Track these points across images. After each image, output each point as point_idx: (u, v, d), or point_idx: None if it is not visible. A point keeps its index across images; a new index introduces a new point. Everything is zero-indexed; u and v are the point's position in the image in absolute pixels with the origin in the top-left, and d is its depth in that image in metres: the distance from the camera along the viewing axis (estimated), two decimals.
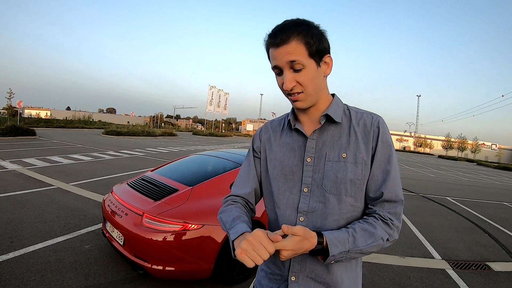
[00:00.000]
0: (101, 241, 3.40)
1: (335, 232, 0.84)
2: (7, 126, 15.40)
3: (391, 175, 0.90)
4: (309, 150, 0.94)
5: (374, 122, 0.93)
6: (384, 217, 0.89)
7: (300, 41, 0.83)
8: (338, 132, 0.94)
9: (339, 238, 0.82)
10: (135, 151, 13.48)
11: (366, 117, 0.95)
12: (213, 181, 2.97)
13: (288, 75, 0.85)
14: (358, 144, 0.91)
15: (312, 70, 0.86)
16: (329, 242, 0.80)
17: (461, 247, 4.45)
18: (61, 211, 4.31)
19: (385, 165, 0.91)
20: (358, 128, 0.93)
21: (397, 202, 0.91)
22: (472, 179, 17.27)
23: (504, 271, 3.69)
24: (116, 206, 2.78)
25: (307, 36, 0.84)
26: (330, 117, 0.93)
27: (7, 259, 2.84)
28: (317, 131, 0.95)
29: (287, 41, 0.83)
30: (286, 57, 0.84)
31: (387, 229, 0.88)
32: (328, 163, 0.91)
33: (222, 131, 59.15)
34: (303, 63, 0.84)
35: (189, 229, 2.44)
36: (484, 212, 7.25)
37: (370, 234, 0.85)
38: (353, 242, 0.83)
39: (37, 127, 23.01)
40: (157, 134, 26.58)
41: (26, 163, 8.05)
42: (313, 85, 0.87)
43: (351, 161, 0.90)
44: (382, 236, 0.86)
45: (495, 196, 10.47)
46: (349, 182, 0.89)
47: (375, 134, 0.92)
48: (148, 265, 2.40)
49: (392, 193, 0.90)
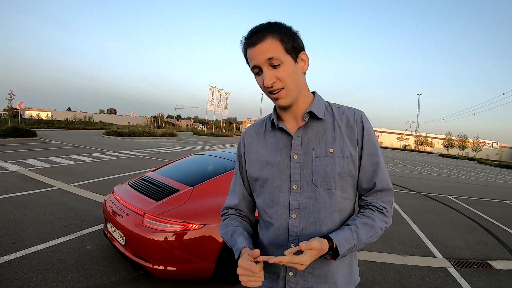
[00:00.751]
0: (103, 242, 3.41)
1: (340, 233, 0.88)
2: (8, 127, 15.42)
3: (380, 166, 0.96)
4: (295, 148, 0.96)
5: (357, 117, 0.97)
6: (379, 207, 0.95)
7: (274, 38, 0.86)
8: (323, 128, 0.96)
9: (345, 237, 0.86)
10: (136, 151, 13.50)
11: (348, 112, 0.98)
12: (214, 181, 2.97)
13: (268, 72, 0.87)
14: (343, 139, 0.95)
15: (290, 65, 0.88)
16: (339, 244, 0.84)
17: (462, 246, 4.44)
18: (63, 212, 4.32)
19: (374, 157, 0.96)
20: (342, 123, 0.97)
21: (389, 191, 0.97)
22: (473, 177, 17.24)
23: (505, 269, 3.68)
24: (117, 206, 2.79)
25: (281, 34, 0.87)
26: (314, 114, 0.95)
27: (9, 260, 2.85)
28: (301, 128, 0.96)
29: (262, 39, 0.86)
30: (263, 55, 0.86)
31: (384, 218, 0.94)
32: (316, 159, 0.94)
33: (223, 131, 59.22)
34: (280, 59, 0.86)
35: (190, 229, 2.44)
36: (485, 210, 7.24)
37: (371, 226, 0.91)
38: (357, 238, 0.88)
39: (38, 128, 23.03)
40: (158, 134, 26.60)
41: (27, 164, 8.07)
42: (292, 80, 0.89)
43: (338, 155, 0.93)
44: (381, 227, 0.93)
45: (496, 194, 10.47)
46: (337, 176, 0.93)
47: (359, 128, 0.96)
48: (150, 265, 2.41)
49: (383, 182, 0.96)
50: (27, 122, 24.96)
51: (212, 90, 48.07)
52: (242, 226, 1.04)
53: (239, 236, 0.97)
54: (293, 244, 0.94)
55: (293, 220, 0.94)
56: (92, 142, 16.70)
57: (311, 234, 0.92)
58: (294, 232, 0.94)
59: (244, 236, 0.97)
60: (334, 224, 0.94)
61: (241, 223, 1.06)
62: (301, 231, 0.93)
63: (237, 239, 0.96)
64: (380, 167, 0.96)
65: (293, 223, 0.94)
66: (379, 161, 0.96)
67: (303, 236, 0.93)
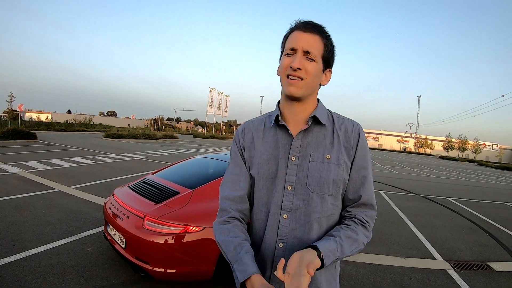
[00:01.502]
0: (103, 244, 3.41)
1: (326, 243, 0.87)
2: (8, 129, 15.48)
3: (368, 180, 0.99)
4: (294, 150, 0.97)
5: (355, 129, 1.01)
6: (363, 221, 0.96)
7: (323, 40, 0.92)
8: (323, 134, 0.99)
9: (330, 249, 0.86)
10: (136, 154, 13.51)
11: (347, 123, 1.02)
12: (214, 184, 2.98)
13: (301, 57, 0.90)
14: (340, 147, 0.98)
15: (319, 68, 0.93)
16: (325, 255, 0.84)
17: (462, 248, 4.45)
18: (63, 214, 4.32)
19: (364, 170, 0.99)
20: (340, 132, 1.00)
21: (372, 206, 1.00)
22: (473, 179, 17.24)
23: (505, 271, 3.69)
24: (117, 209, 2.80)
25: (328, 41, 0.94)
26: (317, 119, 0.98)
27: (9, 262, 2.86)
28: (302, 131, 0.98)
29: (315, 33, 0.91)
30: (308, 44, 0.90)
31: (366, 232, 0.96)
32: (312, 163, 0.96)
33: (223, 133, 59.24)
34: (315, 57, 0.91)
35: (190, 232, 2.45)
36: (485, 212, 7.24)
37: (354, 240, 0.92)
38: (341, 251, 0.88)
39: (38, 130, 23.03)
40: (157, 136, 26.66)
41: (27, 166, 8.07)
42: (313, 80, 0.93)
43: (334, 162, 0.96)
44: (363, 241, 0.94)
45: (496, 196, 10.46)
46: (331, 182, 0.95)
47: (355, 140, 0.99)
48: (150, 267, 2.41)
49: (368, 196, 0.99)
50: (27, 124, 24.94)
51: (212, 92, 48.14)
52: (248, 240, 0.95)
53: (246, 253, 0.89)
54: (281, 244, 0.95)
55: (284, 220, 0.96)
56: (92, 144, 16.71)
57: (299, 236, 0.95)
58: (284, 232, 0.95)
59: (252, 255, 0.89)
60: (321, 229, 0.96)
61: (246, 237, 0.96)
62: (290, 232, 0.95)
63: (243, 257, 0.88)
64: (367, 181, 0.99)
65: (284, 223, 0.96)
66: (367, 175, 0.99)
67: (292, 237, 0.95)
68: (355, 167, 0.98)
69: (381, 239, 4.50)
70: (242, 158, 1.05)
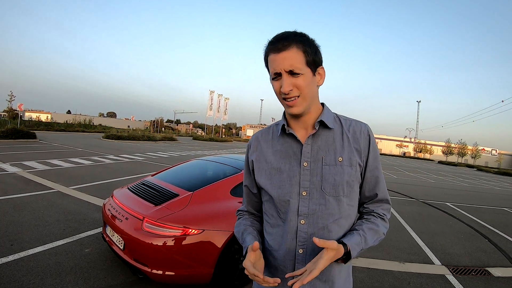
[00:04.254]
0: (101, 245, 3.40)
1: (351, 238, 0.93)
2: (8, 128, 15.46)
3: (380, 178, 1.05)
4: (305, 155, 0.98)
5: (364, 130, 1.02)
6: (381, 213, 1.04)
7: (299, 49, 0.90)
8: (331, 137, 1.00)
9: (356, 242, 0.92)
10: (135, 155, 13.50)
11: (355, 124, 1.04)
12: (214, 186, 2.98)
13: (287, 79, 0.90)
14: (351, 149, 0.99)
15: (308, 77, 0.92)
16: (352, 248, 0.90)
17: (461, 253, 4.44)
18: (61, 215, 4.31)
19: (376, 170, 1.04)
20: (349, 134, 1.01)
21: (387, 200, 1.07)
22: (472, 184, 17.24)
23: (504, 277, 3.68)
24: (116, 210, 2.79)
25: (305, 46, 0.91)
26: (324, 123, 0.99)
27: (7, 262, 2.85)
28: (311, 136, 0.99)
29: (288, 48, 0.89)
30: (286, 62, 0.89)
31: (384, 223, 1.03)
32: (325, 167, 0.97)
33: (222, 136, 59.17)
34: (300, 70, 0.89)
35: (189, 234, 2.45)
36: (484, 217, 7.23)
37: (375, 231, 0.98)
38: (365, 242, 0.94)
39: (37, 130, 23.00)
40: (157, 138, 26.63)
41: (26, 166, 8.06)
42: (309, 91, 0.93)
43: (346, 164, 0.97)
44: (383, 231, 1.01)
45: (495, 202, 10.46)
46: (345, 184, 0.97)
47: (366, 141, 1.01)
48: (148, 269, 2.40)
49: (384, 193, 1.06)
50: (26, 124, 24.90)
51: (211, 95, 48.17)
52: (253, 226, 1.11)
53: (248, 235, 1.04)
54: (301, 250, 0.96)
55: (301, 225, 0.96)
56: (92, 145, 16.70)
57: None
58: (303, 238, 0.96)
59: (253, 235, 1.04)
60: (341, 230, 0.98)
61: (252, 223, 1.13)
62: (309, 237, 0.95)
63: (246, 237, 1.03)
64: (380, 179, 1.04)
65: (302, 228, 0.96)
66: (379, 174, 1.04)
67: (311, 242, 0.94)
68: (369, 168, 1.02)
69: (380, 243, 4.46)
70: (249, 172, 1.12)
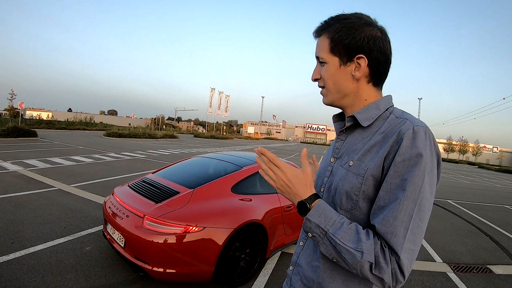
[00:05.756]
0: (102, 243, 3.40)
1: (329, 207, 0.77)
2: (9, 127, 15.45)
3: (396, 205, 0.69)
4: (334, 151, 0.92)
5: (400, 131, 0.74)
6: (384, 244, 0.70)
7: (327, 36, 0.84)
8: (362, 136, 0.85)
9: (327, 213, 0.75)
10: (136, 153, 13.50)
11: (398, 123, 0.78)
12: (215, 184, 2.97)
13: (316, 67, 0.89)
14: (370, 154, 0.78)
15: (333, 66, 0.83)
16: (315, 208, 0.76)
17: (462, 250, 4.43)
18: (62, 213, 4.31)
19: (397, 191, 0.70)
20: (380, 136, 0.79)
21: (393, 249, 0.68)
22: (474, 182, 17.22)
23: (505, 274, 3.67)
24: (117, 208, 2.79)
25: (334, 31, 0.82)
26: (356, 119, 0.85)
27: (8, 260, 2.85)
28: (345, 132, 0.91)
29: (319, 35, 0.86)
30: (317, 50, 0.87)
31: (380, 257, 0.68)
32: (340, 168, 0.86)
33: (223, 133, 59.21)
34: (324, 58, 0.85)
35: (190, 232, 2.44)
36: (486, 215, 7.22)
37: (357, 239, 0.70)
38: (335, 229, 0.72)
39: (38, 128, 23.07)
40: (158, 136, 26.65)
41: (27, 164, 8.07)
42: (332, 82, 0.85)
43: (354, 171, 0.80)
44: (364, 251, 0.68)
45: (497, 199, 10.44)
46: (344, 194, 0.80)
47: (394, 147, 0.73)
48: (149, 267, 2.40)
49: (387, 227, 0.69)
50: (27, 122, 24.99)
51: (212, 92, 48.15)
52: None
53: None
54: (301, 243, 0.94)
55: None
56: (93, 143, 16.71)
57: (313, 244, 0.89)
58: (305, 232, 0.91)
59: None
60: None
61: None
62: None
63: None
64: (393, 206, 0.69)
65: None
66: (401, 198, 0.69)
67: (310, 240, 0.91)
68: (385, 184, 0.73)
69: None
70: None
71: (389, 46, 0.83)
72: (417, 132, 0.72)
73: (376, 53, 0.80)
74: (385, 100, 0.86)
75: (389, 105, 0.86)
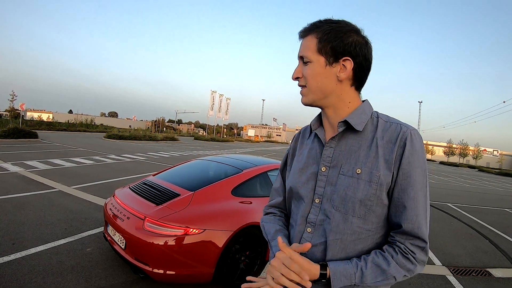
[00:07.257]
0: (103, 244, 3.42)
1: (342, 264, 0.79)
2: (10, 128, 15.50)
3: (414, 203, 0.80)
4: (324, 159, 0.88)
5: (402, 136, 0.81)
6: (404, 250, 0.80)
7: (314, 36, 0.84)
8: (358, 142, 0.86)
9: (344, 271, 0.78)
10: (137, 155, 13.51)
11: (395, 128, 0.84)
12: (215, 186, 2.99)
13: (298, 66, 0.89)
14: (377, 160, 0.82)
15: (318, 66, 0.84)
16: (333, 276, 0.77)
17: (461, 253, 4.43)
18: (63, 214, 4.33)
19: (410, 190, 0.80)
20: (382, 141, 0.83)
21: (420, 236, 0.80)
22: (474, 185, 17.21)
23: (504, 277, 3.67)
24: (118, 209, 2.80)
25: (323, 32, 0.83)
26: (349, 123, 0.85)
27: (9, 260, 2.86)
28: (335, 138, 0.88)
29: (306, 35, 0.87)
30: (302, 49, 0.87)
31: (407, 264, 0.79)
32: (341, 177, 0.84)
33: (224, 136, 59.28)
34: (309, 58, 0.84)
35: (190, 234, 2.46)
36: (485, 218, 7.22)
37: (382, 271, 0.78)
38: (360, 278, 0.77)
39: (39, 129, 23.08)
40: (158, 138, 26.67)
41: (28, 165, 8.09)
42: (316, 82, 0.85)
43: (365, 178, 0.81)
44: (394, 275, 0.79)
45: (496, 202, 10.44)
46: (358, 202, 0.81)
47: (399, 149, 0.81)
48: (149, 268, 2.41)
49: (413, 225, 0.79)
50: (28, 123, 25.00)
51: (213, 95, 48.20)
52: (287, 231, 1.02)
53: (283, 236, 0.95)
54: None
55: (307, 233, 0.89)
56: (93, 145, 16.74)
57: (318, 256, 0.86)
58: None
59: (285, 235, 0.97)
60: (342, 253, 0.83)
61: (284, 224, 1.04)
62: (311, 248, 0.85)
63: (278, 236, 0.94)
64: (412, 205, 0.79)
65: (306, 236, 0.88)
66: (414, 197, 0.80)
67: (311, 253, 0.86)
68: (397, 187, 0.81)
69: None
70: (286, 165, 1.08)
71: (371, 55, 0.87)
72: (414, 135, 0.82)
73: (361, 58, 0.84)
74: (368, 105, 0.91)
75: (372, 109, 0.91)
